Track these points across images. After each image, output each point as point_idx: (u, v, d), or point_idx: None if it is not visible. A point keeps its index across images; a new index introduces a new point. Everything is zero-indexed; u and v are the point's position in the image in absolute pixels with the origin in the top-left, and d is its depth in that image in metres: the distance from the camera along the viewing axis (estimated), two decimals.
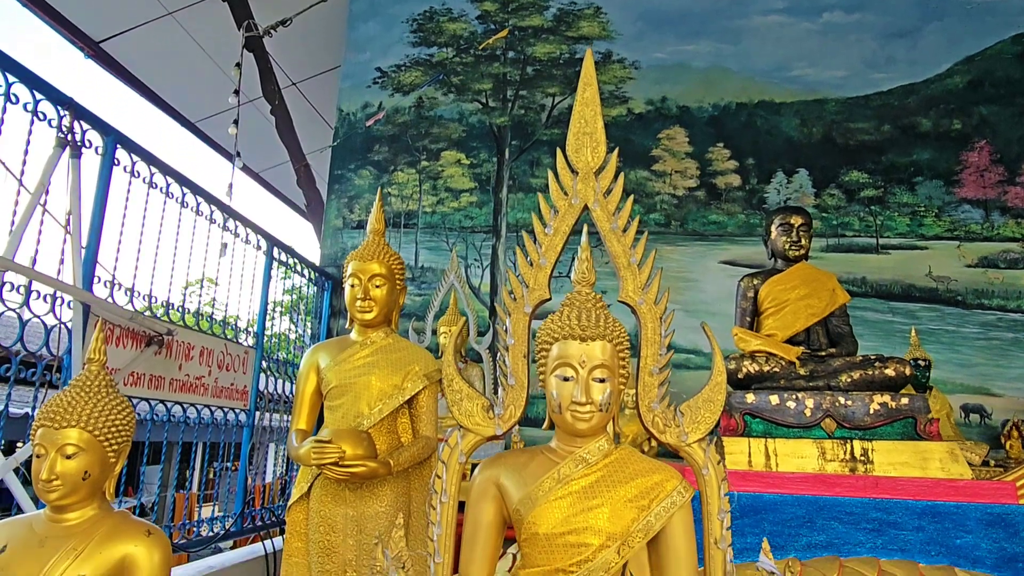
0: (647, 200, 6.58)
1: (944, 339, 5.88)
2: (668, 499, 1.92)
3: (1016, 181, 6.14)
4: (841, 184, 6.36)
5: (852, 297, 6.01)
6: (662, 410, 2.07)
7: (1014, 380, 5.70)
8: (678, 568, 1.92)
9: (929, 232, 6.15)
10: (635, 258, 2.18)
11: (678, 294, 6.17)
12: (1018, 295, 5.91)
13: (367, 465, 2.77)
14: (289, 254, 5.52)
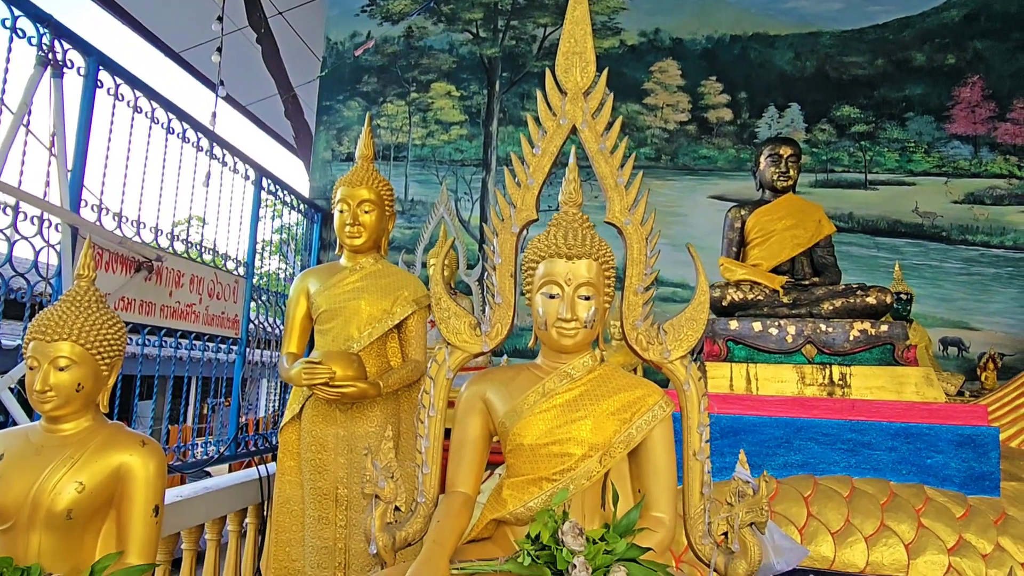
0: (638, 134, 6.54)
1: (927, 274, 5.96)
2: (649, 413, 1.99)
3: (1006, 117, 6.13)
4: (832, 119, 6.33)
5: (839, 232, 6.09)
6: (646, 328, 2.12)
7: (993, 315, 5.81)
8: (657, 478, 2.00)
9: (918, 168, 6.17)
10: (622, 179, 2.19)
11: (667, 228, 6.19)
12: (1002, 231, 5.98)
13: (357, 386, 2.83)
14: (277, 184, 5.48)
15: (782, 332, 3.29)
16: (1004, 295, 5.85)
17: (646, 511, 1.97)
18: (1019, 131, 6.10)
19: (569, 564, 1.68)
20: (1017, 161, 6.08)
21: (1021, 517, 2.85)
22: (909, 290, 5.46)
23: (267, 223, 5.37)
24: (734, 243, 3.88)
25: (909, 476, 2.95)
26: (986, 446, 2.93)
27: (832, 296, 3.41)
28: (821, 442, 2.99)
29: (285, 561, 3.10)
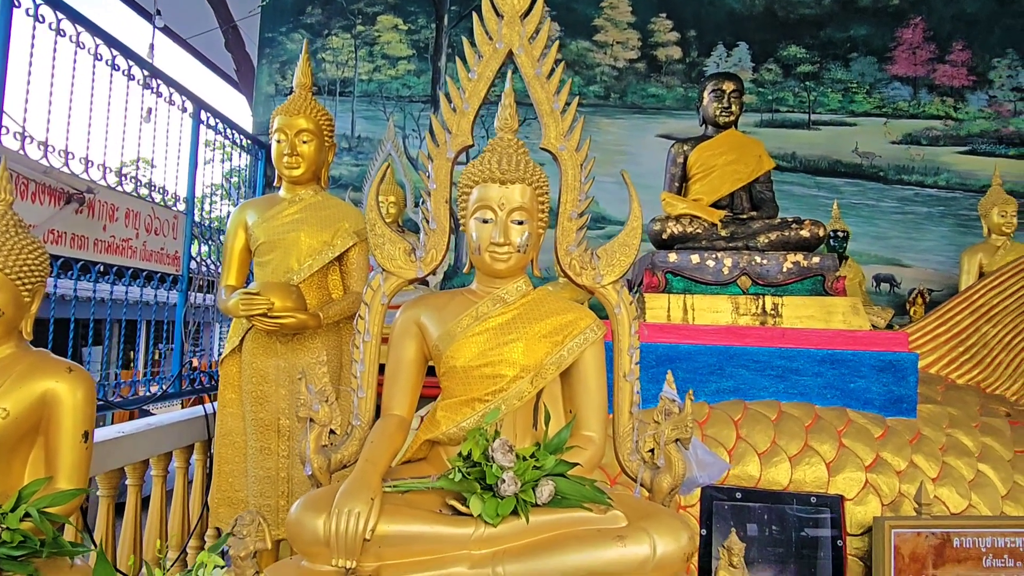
0: (587, 72, 6.48)
1: (864, 213, 6.12)
2: (581, 336, 2.03)
3: (945, 59, 6.25)
4: (778, 59, 6.37)
5: (783, 172, 6.20)
6: (579, 253, 2.15)
7: (924, 252, 6.03)
8: (587, 398, 2.06)
9: (859, 109, 6.27)
10: (558, 104, 2.18)
11: (615, 167, 6.15)
12: (936, 171, 6.15)
13: (296, 316, 2.82)
14: (218, 118, 5.31)
15: (719, 264, 3.37)
16: (935, 233, 6.07)
17: (577, 430, 2.03)
18: (957, 73, 6.23)
19: (498, 479, 1.73)
20: (953, 103, 6.23)
21: (934, 436, 3.03)
22: (846, 228, 5.62)
23: (208, 159, 5.22)
24: (676, 178, 3.93)
25: (833, 400, 3.09)
26: (905, 371, 3.08)
27: (768, 229, 3.50)
28: (752, 369, 3.10)
29: (228, 492, 3.13)
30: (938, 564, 2.62)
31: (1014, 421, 3.23)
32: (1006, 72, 6.25)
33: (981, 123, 6.21)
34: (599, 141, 6.37)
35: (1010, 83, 6.24)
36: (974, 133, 6.20)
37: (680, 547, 1.71)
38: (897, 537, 2.60)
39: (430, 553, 1.72)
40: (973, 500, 2.87)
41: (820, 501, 2.85)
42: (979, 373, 3.48)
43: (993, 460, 2.99)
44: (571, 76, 6.45)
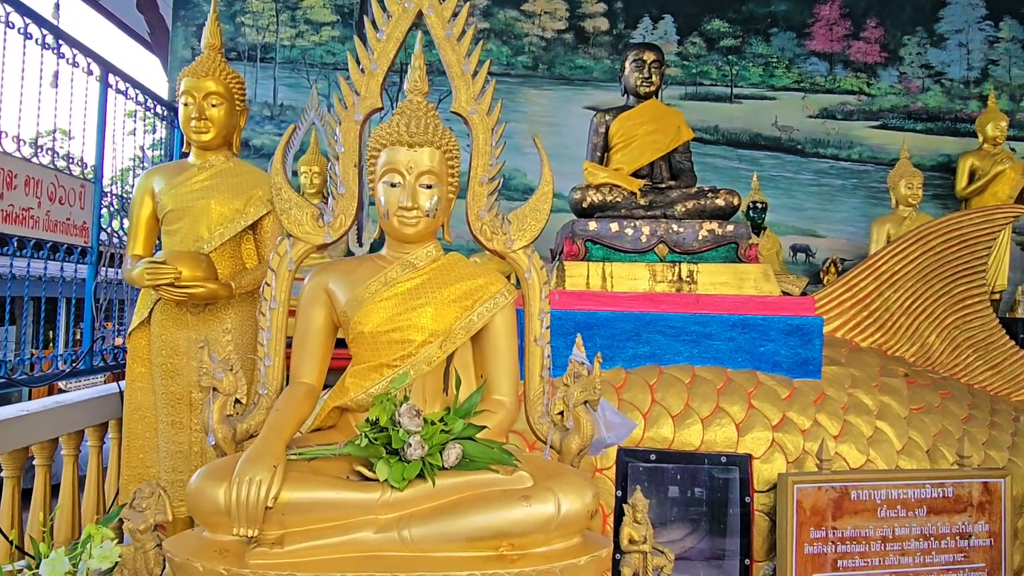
0: (515, 42, 6.45)
1: (782, 185, 6.31)
2: (491, 300, 2.03)
3: (860, 36, 6.45)
4: (703, 33, 6.46)
5: (705, 144, 6.33)
6: (490, 219, 2.15)
7: (837, 223, 6.26)
8: (498, 363, 2.07)
9: (779, 83, 6.43)
10: (468, 67, 2.16)
11: (542, 138, 6.16)
12: (849, 145, 6.38)
13: (205, 286, 2.74)
14: (129, 83, 5.06)
15: (637, 232, 3.43)
16: (848, 205, 6.31)
17: (488, 395, 2.04)
18: (870, 49, 6.45)
19: (405, 443, 1.73)
20: (867, 78, 6.45)
21: (837, 396, 3.17)
22: (764, 199, 5.79)
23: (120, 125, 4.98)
24: (598, 148, 3.96)
25: (744, 363, 3.20)
26: (811, 334, 3.20)
27: (685, 199, 3.56)
28: (667, 334, 3.17)
29: (139, 468, 3.04)
30: (837, 516, 2.75)
31: (911, 381, 3.40)
32: (916, 50, 6.50)
33: (892, 99, 6.46)
34: (527, 112, 6.38)
35: (919, 60, 6.50)
36: (885, 108, 6.45)
37: (584, 505, 1.74)
38: (799, 492, 2.73)
39: (336, 519, 1.70)
40: (871, 455, 3.02)
41: (730, 460, 2.96)
42: (881, 336, 3.65)
43: (890, 418, 3.15)
44: (499, 45, 6.42)
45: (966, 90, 6.51)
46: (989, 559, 2.88)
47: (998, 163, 5.81)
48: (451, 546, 1.69)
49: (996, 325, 3.75)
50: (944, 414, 3.27)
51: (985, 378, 3.70)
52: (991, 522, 2.89)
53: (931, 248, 3.66)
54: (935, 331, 3.70)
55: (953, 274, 3.71)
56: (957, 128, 6.43)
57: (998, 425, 3.34)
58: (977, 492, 2.89)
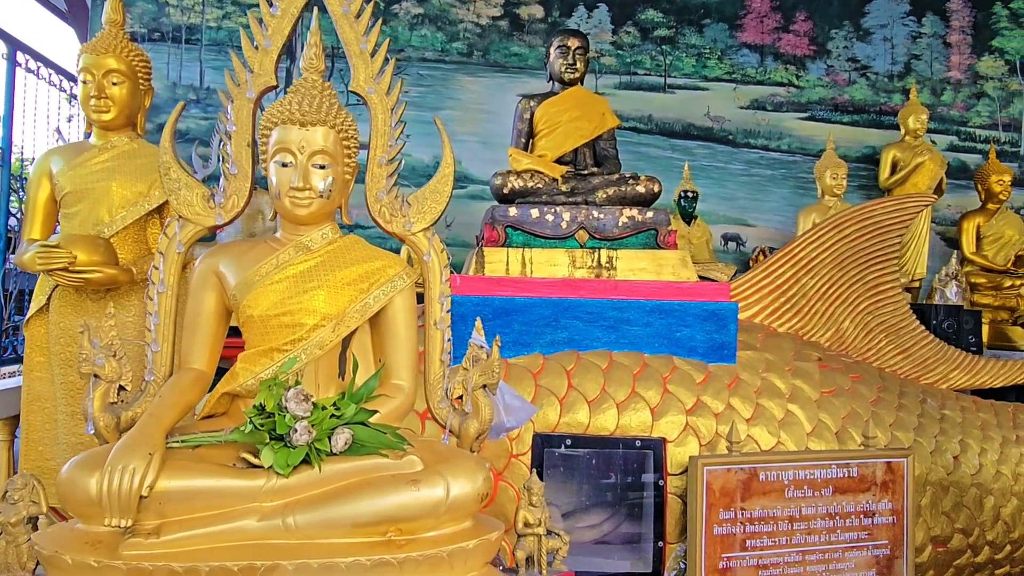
0: (450, 28, 6.38)
1: (714, 175, 6.40)
2: (389, 283, 2.00)
3: (790, 29, 6.57)
4: (637, 22, 6.49)
5: (639, 134, 6.38)
6: (389, 200, 2.11)
7: (767, 212, 6.39)
8: (397, 347, 2.03)
9: (711, 74, 6.51)
10: (366, 45, 2.11)
11: (477, 126, 6.19)
12: (779, 136, 6.50)
13: (103, 271, 2.64)
14: (39, 61, 4.85)
15: (558, 218, 3.42)
16: (777, 195, 6.43)
17: (386, 379, 2.01)
18: (799, 42, 6.58)
19: (291, 429, 1.69)
20: (796, 71, 6.58)
21: (750, 380, 3.22)
22: (696, 189, 5.86)
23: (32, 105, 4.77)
24: (523, 134, 3.94)
25: (661, 348, 3.22)
26: (726, 319, 3.24)
27: (606, 185, 3.57)
28: (585, 320, 3.18)
29: (38, 460, 2.92)
30: (746, 497, 2.80)
31: (824, 365, 3.48)
32: (843, 43, 6.66)
33: (820, 91, 6.60)
34: (462, 99, 6.33)
35: (846, 54, 6.66)
36: (813, 100, 6.59)
37: (475, 488, 1.73)
38: (709, 474, 2.76)
39: (217, 508, 1.66)
40: (782, 437, 3.08)
41: (644, 444, 2.98)
42: (798, 322, 3.72)
43: (802, 401, 3.22)
44: (434, 31, 6.34)
45: (890, 84, 6.69)
46: (892, 536, 2.97)
47: (918, 155, 5.99)
48: (337, 532, 1.66)
49: (907, 311, 3.86)
50: (854, 397, 3.35)
51: (896, 362, 3.80)
52: (894, 500, 2.98)
53: (846, 236, 3.74)
54: (849, 316, 3.78)
55: (867, 261, 3.80)
56: (881, 121, 6.61)
57: (905, 407, 3.44)
58: (881, 472, 2.97)
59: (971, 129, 6.79)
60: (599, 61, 6.42)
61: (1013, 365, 3.96)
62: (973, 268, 5.92)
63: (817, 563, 2.87)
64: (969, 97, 6.81)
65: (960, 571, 3.34)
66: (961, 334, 4.62)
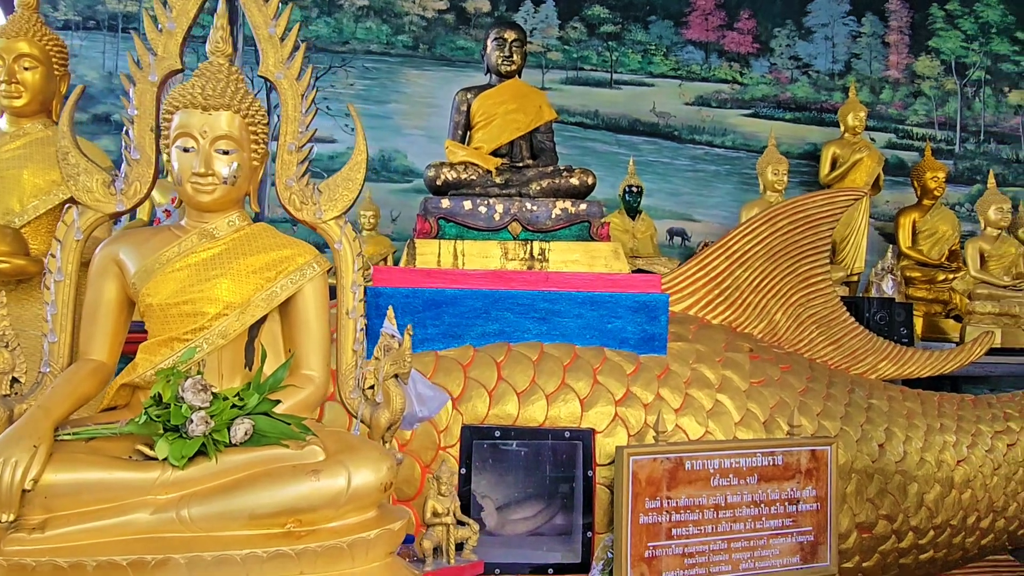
0: (395, 21, 6.33)
1: (659, 170, 6.46)
2: (298, 272, 1.96)
3: (734, 27, 6.66)
4: (584, 18, 6.52)
5: (585, 129, 6.41)
6: (300, 188, 2.07)
7: (712, 207, 6.47)
8: (308, 336, 2.00)
9: (657, 70, 6.57)
10: (274, 29, 2.06)
11: (423, 119, 6.15)
12: (723, 132, 6.59)
13: (11, 262, 2.55)
14: None
15: (491, 210, 3.41)
16: (722, 190, 6.52)
17: (296, 369, 1.97)
18: (743, 40, 6.67)
19: (186, 419, 1.64)
20: (740, 68, 6.67)
21: (680, 371, 3.25)
22: (640, 183, 5.90)
23: None
24: (460, 126, 3.93)
25: (592, 340, 3.23)
26: (657, 311, 3.26)
27: (540, 177, 3.58)
28: (516, 312, 3.17)
29: None
30: (672, 486, 2.82)
31: (755, 356, 3.52)
32: (785, 42, 6.77)
33: (763, 88, 6.71)
34: (408, 93, 6.28)
35: (788, 52, 6.77)
36: (757, 97, 6.69)
37: (378, 478, 1.71)
38: (635, 464, 2.77)
39: (109, 501, 1.61)
40: (710, 427, 3.11)
41: (574, 436, 2.99)
42: (732, 314, 3.76)
43: (731, 391, 3.25)
44: (379, 24, 6.29)
45: (831, 82, 6.83)
46: (816, 522, 3.02)
47: (857, 152, 6.13)
48: (233, 524, 1.63)
49: (838, 303, 3.93)
50: (783, 387, 3.40)
51: (826, 353, 3.87)
52: (818, 487, 3.03)
53: (779, 228, 3.79)
54: (781, 308, 3.84)
55: (799, 253, 3.86)
56: (823, 118, 6.75)
57: (833, 396, 3.50)
58: (805, 459, 3.02)
59: (909, 127, 6.97)
60: (546, 56, 6.44)
61: (939, 355, 4.06)
62: (909, 262, 6.08)
63: (742, 550, 2.91)
64: (907, 96, 6.99)
65: (885, 556, 3.41)
66: (893, 326, 4.73)
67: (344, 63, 6.15)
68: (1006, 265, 5.53)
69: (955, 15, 7.02)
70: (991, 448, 3.60)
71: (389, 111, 6.17)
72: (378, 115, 6.16)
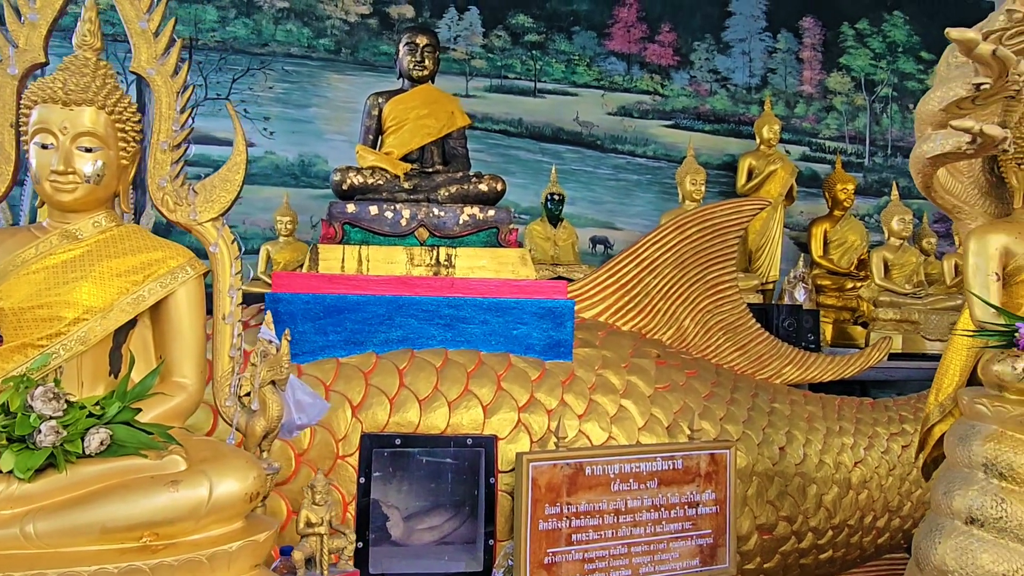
0: (317, 24, 6.24)
1: (582, 178, 6.52)
2: (169, 275, 1.89)
3: (655, 39, 6.79)
4: (508, 26, 6.55)
5: (509, 137, 6.42)
6: (173, 188, 2.00)
7: (634, 216, 6.56)
8: (180, 343, 1.92)
9: (580, 80, 6.64)
10: (146, 23, 1.99)
11: (345, 124, 6.06)
12: (645, 142, 6.70)
13: None
14: None
15: (397, 215, 3.37)
16: (643, 199, 6.62)
17: (167, 376, 1.90)
18: (664, 52, 6.81)
19: (34, 429, 1.56)
20: (660, 80, 6.80)
21: (586, 377, 3.26)
22: (562, 192, 5.94)
23: None
24: (371, 130, 3.88)
25: (498, 346, 3.22)
26: (563, 317, 3.28)
27: (449, 183, 3.55)
28: (420, 318, 3.14)
29: None
30: (571, 491, 2.82)
31: (661, 362, 3.57)
32: (704, 55, 6.94)
33: (683, 100, 6.85)
34: (329, 97, 6.19)
35: (707, 65, 6.94)
36: (677, 109, 6.83)
37: (244, 487, 1.65)
38: (535, 470, 2.77)
39: None
40: (613, 432, 3.14)
41: (476, 442, 2.97)
42: (641, 320, 3.81)
43: (635, 396, 3.28)
44: (299, 26, 6.19)
45: (748, 95, 7.03)
46: (715, 525, 3.07)
47: (771, 163, 6.31)
48: (83, 539, 1.54)
49: (744, 309, 4.01)
50: (688, 392, 3.45)
51: (733, 358, 3.95)
52: (717, 491, 3.08)
53: (688, 236, 3.86)
54: (690, 315, 3.90)
55: (707, 261, 3.93)
56: (740, 130, 6.93)
57: (737, 401, 3.57)
58: (705, 463, 3.07)
59: (821, 140, 7.23)
60: (470, 63, 6.44)
61: (841, 360, 4.19)
62: (820, 271, 6.28)
63: (642, 554, 2.92)
64: (820, 110, 7.25)
65: (786, 557, 3.49)
66: (801, 332, 4.87)
67: (263, 66, 6.02)
68: (907, 274, 5.77)
69: (865, 34, 7.32)
70: (887, 449, 3.72)
71: (310, 115, 6.07)
72: (298, 119, 6.05)
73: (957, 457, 2.15)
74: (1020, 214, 2.38)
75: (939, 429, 2.55)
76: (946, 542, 2.02)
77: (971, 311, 2.31)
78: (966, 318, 2.42)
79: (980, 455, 2.04)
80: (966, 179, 2.53)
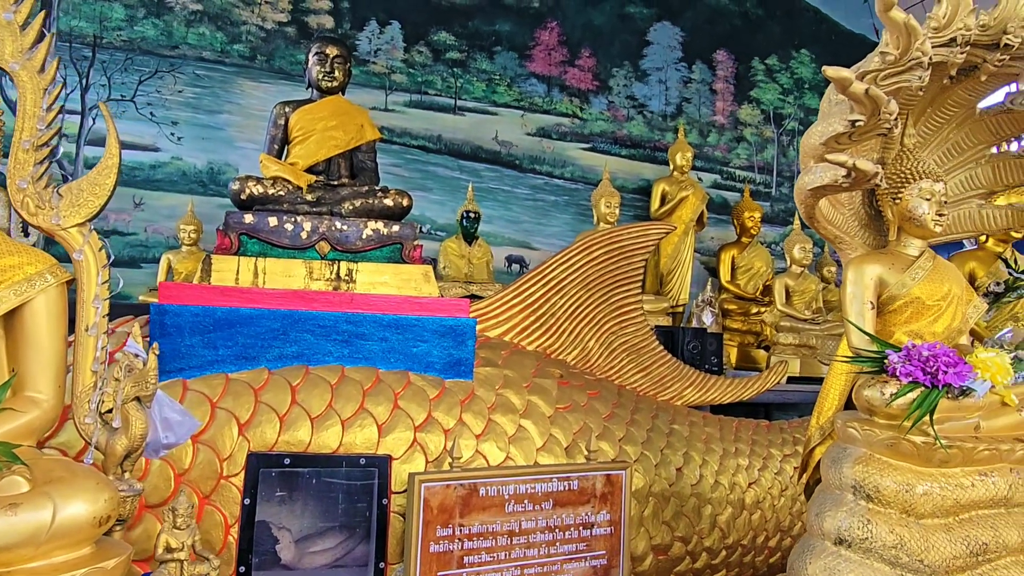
0: (231, 29, 6.08)
1: (500, 197, 6.54)
2: (26, 283, 1.77)
3: (575, 63, 6.90)
4: (429, 43, 6.54)
5: (428, 153, 6.39)
6: (35, 190, 1.88)
7: (550, 236, 6.62)
8: (36, 355, 1.80)
9: (500, 100, 6.68)
10: (10, 15, 1.88)
11: (257, 133, 5.88)
12: (563, 164, 6.78)
13: None
14: None
15: (298, 228, 3.29)
16: (560, 220, 6.69)
17: (20, 391, 1.77)
18: (583, 77, 6.93)
19: None
20: (579, 103, 6.91)
21: (486, 396, 3.24)
22: (478, 210, 5.94)
23: None
24: (276, 140, 3.78)
25: (398, 364, 3.17)
26: (464, 335, 3.25)
27: (354, 196, 3.49)
28: (317, 334, 3.05)
29: None
30: (464, 513, 2.78)
31: (564, 382, 3.58)
32: (623, 82, 7.09)
33: (601, 124, 6.98)
34: (243, 104, 6.03)
35: (625, 92, 7.10)
36: (595, 132, 6.95)
37: (93, 511, 1.55)
38: (427, 491, 2.71)
39: None
40: (511, 452, 3.12)
41: (369, 462, 2.90)
42: (547, 340, 3.82)
43: (535, 416, 3.28)
44: (213, 31, 6.02)
45: (664, 122, 7.22)
46: (609, 546, 3.08)
47: (684, 189, 6.48)
48: None
49: (648, 331, 4.08)
50: (588, 412, 3.47)
51: (636, 380, 4.00)
52: (612, 511, 3.09)
53: (594, 258, 3.90)
54: (594, 336, 3.94)
55: (613, 282, 3.98)
56: (655, 156, 7.10)
57: (637, 422, 3.61)
58: (600, 484, 3.08)
59: (732, 169, 7.48)
60: (390, 78, 6.39)
61: (739, 383, 4.30)
62: (728, 295, 6.47)
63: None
64: (731, 140, 7.50)
65: None
66: (705, 355, 4.98)
67: (173, 68, 5.82)
68: (807, 300, 6.00)
69: (774, 70, 7.64)
70: (780, 471, 3.83)
71: (221, 122, 5.89)
72: (209, 125, 5.87)
73: (830, 479, 2.23)
74: (895, 246, 2.49)
75: (819, 451, 2.63)
76: (816, 562, 2.08)
77: (848, 338, 2.40)
78: (845, 345, 2.51)
79: (850, 477, 2.11)
80: (847, 211, 2.64)
